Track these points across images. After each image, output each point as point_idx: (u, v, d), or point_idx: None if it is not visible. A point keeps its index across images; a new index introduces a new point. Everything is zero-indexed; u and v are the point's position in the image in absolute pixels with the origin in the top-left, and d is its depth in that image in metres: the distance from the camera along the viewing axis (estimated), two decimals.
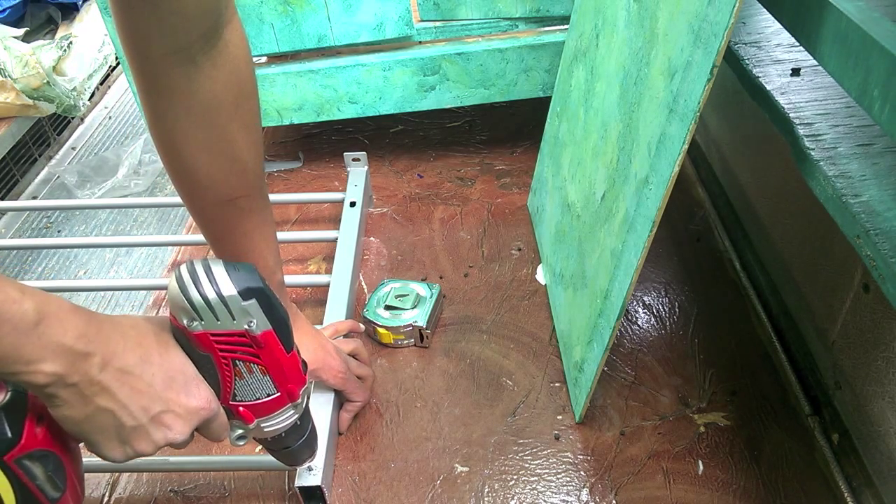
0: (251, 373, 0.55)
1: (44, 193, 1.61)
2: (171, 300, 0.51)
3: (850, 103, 0.64)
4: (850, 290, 0.72)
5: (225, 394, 0.55)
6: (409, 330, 0.90)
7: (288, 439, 0.62)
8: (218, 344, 0.52)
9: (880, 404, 0.68)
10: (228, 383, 0.55)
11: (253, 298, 0.51)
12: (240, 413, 0.57)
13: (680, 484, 0.73)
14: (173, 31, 0.54)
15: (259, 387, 0.56)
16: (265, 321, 0.53)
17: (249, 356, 0.54)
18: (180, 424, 0.51)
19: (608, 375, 0.84)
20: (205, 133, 0.59)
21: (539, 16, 1.12)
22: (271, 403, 0.57)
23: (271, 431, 0.60)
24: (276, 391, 0.57)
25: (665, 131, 0.62)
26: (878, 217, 0.52)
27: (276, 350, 0.54)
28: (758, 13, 0.82)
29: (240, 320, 0.52)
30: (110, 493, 0.78)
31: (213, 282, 0.51)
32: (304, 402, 0.61)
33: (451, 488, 0.75)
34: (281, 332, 0.54)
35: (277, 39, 1.09)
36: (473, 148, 1.29)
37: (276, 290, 0.56)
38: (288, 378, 0.57)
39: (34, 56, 1.82)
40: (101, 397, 0.47)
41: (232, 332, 0.52)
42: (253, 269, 0.53)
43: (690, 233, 1.06)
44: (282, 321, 0.54)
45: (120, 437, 0.49)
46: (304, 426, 0.63)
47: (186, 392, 0.52)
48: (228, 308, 0.51)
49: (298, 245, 1.09)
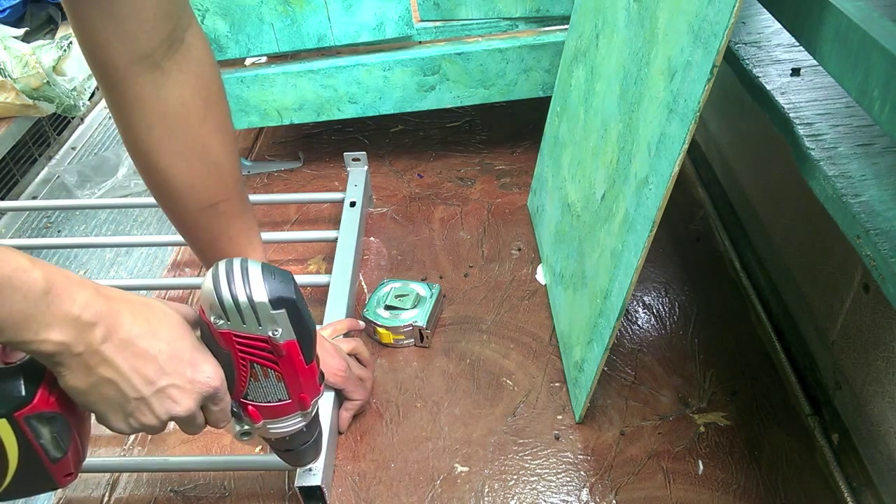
0: (266, 377, 0.55)
1: (44, 193, 1.61)
2: (203, 293, 0.51)
3: (850, 103, 0.64)
4: (850, 290, 0.72)
5: (238, 390, 0.55)
6: (409, 330, 0.90)
7: (292, 442, 0.63)
8: (239, 345, 0.52)
9: (880, 404, 0.68)
10: (243, 382, 0.55)
11: (283, 308, 0.51)
12: (248, 411, 0.57)
13: (680, 484, 0.73)
14: (134, 38, 0.54)
15: (272, 391, 0.56)
16: (290, 332, 0.53)
17: (268, 362, 0.54)
18: (185, 398, 0.51)
19: (608, 375, 0.84)
20: (179, 140, 0.60)
21: (539, 16, 1.12)
22: (281, 408, 0.58)
23: (276, 433, 0.60)
24: (288, 398, 0.57)
25: (665, 131, 0.62)
26: (878, 217, 0.52)
27: (296, 360, 0.54)
28: (758, 13, 0.82)
29: (265, 327, 0.52)
30: (110, 492, 0.78)
31: (247, 284, 0.51)
32: (313, 410, 0.61)
33: (451, 488, 0.75)
34: (304, 344, 0.54)
35: (277, 39, 1.09)
36: (473, 148, 1.29)
37: None
38: (303, 388, 0.57)
39: (34, 56, 1.81)
40: (104, 368, 0.47)
41: (256, 336, 0.52)
42: (289, 279, 0.53)
43: (690, 233, 1.06)
44: (307, 334, 0.54)
45: (124, 409, 0.50)
46: (311, 432, 0.64)
47: (193, 367, 0.51)
48: (256, 313, 0.51)
49: (298, 245, 1.09)
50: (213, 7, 1.05)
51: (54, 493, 0.79)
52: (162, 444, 0.82)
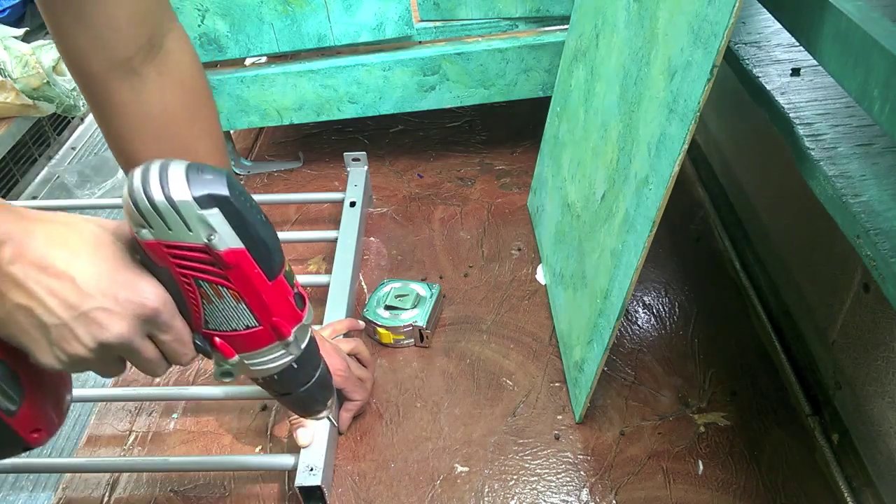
0: (221, 298, 0.47)
1: (44, 193, 1.61)
2: (123, 203, 0.45)
3: (850, 103, 0.64)
4: (850, 290, 0.72)
5: (195, 318, 0.49)
6: (409, 330, 0.90)
7: (286, 384, 0.56)
8: (174, 258, 0.45)
9: (880, 404, 0.68)
10: (196, 306, 0.48)
11: (215, 207, 0.44)
12: (216, 344, 0.50)
13: (680, 484, 0.73)
14: (110, 46, 0.54)
15: (233, 315, 0.49)
16: (233, 237, 0.45)
17: (216, 277, 0.46)
18: (115, 322, 0.45)
19: (608, 375, 0.84)
20: (163, 145, 0.59)
21: (539, 16, 1.12)
22: (252, 337, 0.50)
23: (260, 371, 0.53)
24: (257, 323, 0.49)
25: (665, 131, 0.62)
26: (878, 217, 0.52)
27: (252, 274, 0.47)
28: (758, 13, 0.82)
29: (198, 232, 0.44)
30: (110, 493, 0.78)
31: (165, 183, 0.43)
32: (301, 342, 0.53)
33: (451, 488, 0.75)
34: (258, 252, 0.46)
35: (277, 39, 1.09)
36: (473, 148, 1.29)
37: None
38: (271, 310, 0.49)
39: (34, 56, 1.82)
40: (15, 292, 0.43)
41: (189, 245, 0.45)
42: (221, 175, 0.45)
43: (690, 233, 1.06)
44: (258, 240, 0.46)
45: (47, 339, 0.45)
46: (307, 371, 0.56)
47: (126, 287, 0.45)
48: (181, 215, 0.44)
49: (298, 245, 1.09)
50: (213, 7, 1.05)
51: (54, 492, 0.79)
52: (162, 444, 0.82)
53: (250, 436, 0.82)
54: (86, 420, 0.87)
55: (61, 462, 0.82)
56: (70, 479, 0.80)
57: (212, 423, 0.84)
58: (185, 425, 0.84)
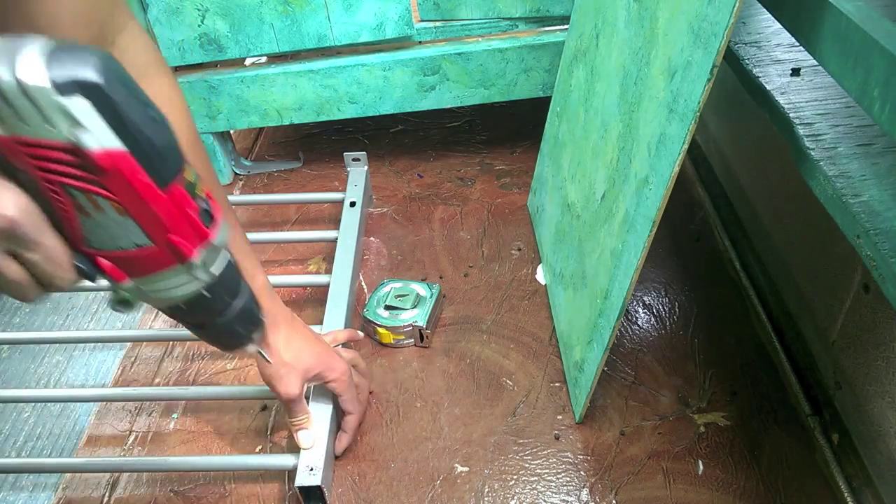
0: (99, 209, 0.39)
1: None
2: None
3: (850, 103, 0.64)
4: (850, 290, 0.72)
5: (73, 235, 0.41)
6: (409, 330, 0.90)
7: (196, 315, 0.48)
8: (34, 159, 0.37)
9: (880, 404, 0.68)
10: (71, 220, 0.40)
11: (80, 96, 0.35)
12: (101, 265, 0.43)
13: (680, 484, 0.73)
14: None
15: (118, 232, 0.41)
16: (109, 136, 0.37)
17: (91, 185, 0.38)
18: None
19: (608, 375, 0.84)
20: None
21: (539, 16, 1.12)
22: (146, 259, 0.42)
23: (161, 299, 0.45)
24: (150, 242, 0.41)
25: (665, 131, 0.62)
26: (878, 217, 0.52)
27: (136, 182, 0.38)
28: (758, 13, 0.82)
29: (60, 127, 0.36)
30: (110, 493, 0.78)
31: (14, 61, 0.34)
32: (211, 266, 0.45)
33: (451, 488, 0.75)
34: (143, 155, 0.38)
35: (277, 39, 1.09)
36: (473, 148, 1.29)
37: (260, 294, 0.52)
38: (166, 226, 0.41)
39: None
40: None
41: (51, 143, 0.36)
42: (95, 56, 0.36)
43: (690, 233, 1.06)
44: (143, 140, 0.38)
45: None
46: (222, 298, 0.48)
47: None
48: (36, 104, 0.35)
49: (298, 245, 1.09)
50: (213, 7, 1.05)
51: (54, 492, 0.79)
52: (162, 444, 0.82)
53: (250, 436, 0.82)
54: (86, 420, 0.87)
55: (61, 462, 0.82)
56: (70, 479, 0.80)
57: (212, 423, 0.84)
58: (185, 425, 0.84)
